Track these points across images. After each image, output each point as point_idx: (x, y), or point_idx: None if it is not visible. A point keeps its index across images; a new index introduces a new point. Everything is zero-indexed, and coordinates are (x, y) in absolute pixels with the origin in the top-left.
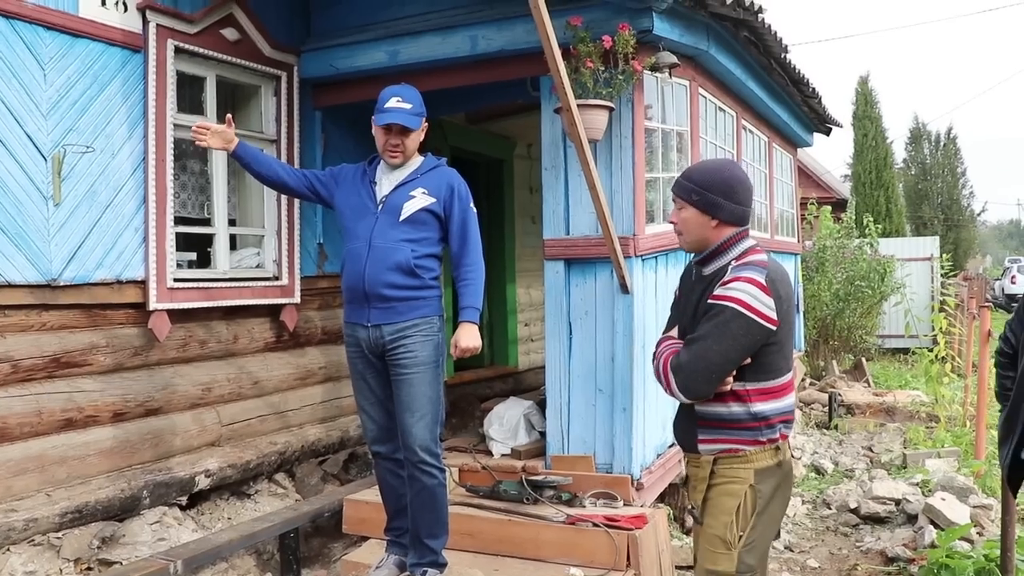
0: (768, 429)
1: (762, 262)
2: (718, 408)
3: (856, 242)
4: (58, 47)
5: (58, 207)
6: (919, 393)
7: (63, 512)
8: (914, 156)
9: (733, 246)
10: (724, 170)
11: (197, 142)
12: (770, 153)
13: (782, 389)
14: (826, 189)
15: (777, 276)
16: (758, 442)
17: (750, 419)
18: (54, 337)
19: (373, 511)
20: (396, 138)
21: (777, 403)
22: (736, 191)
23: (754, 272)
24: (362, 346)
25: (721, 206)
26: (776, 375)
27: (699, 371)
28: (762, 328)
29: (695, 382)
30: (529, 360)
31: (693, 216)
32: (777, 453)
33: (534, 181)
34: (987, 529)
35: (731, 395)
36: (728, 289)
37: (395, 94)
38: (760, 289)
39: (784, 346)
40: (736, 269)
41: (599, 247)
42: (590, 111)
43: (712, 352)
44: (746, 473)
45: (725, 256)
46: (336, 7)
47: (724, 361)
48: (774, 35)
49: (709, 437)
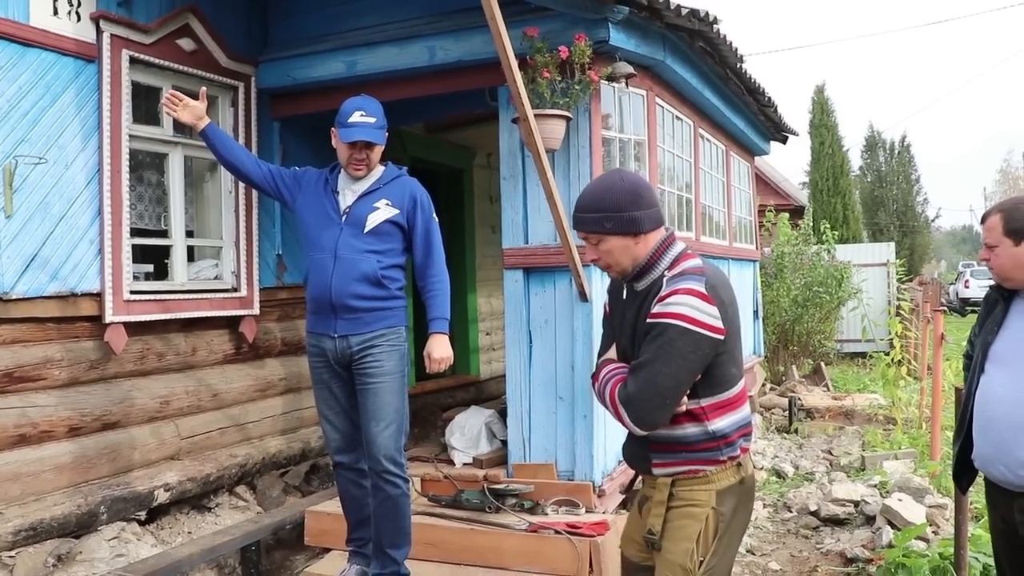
0: (728, 447)
1: (697, 269)
2: (673, 431)
3: (814, 248)
4: (8, 57)
5: (9, 219)
6: (876, 396)
7: (16, 530)
8: (870, 164)
9: (663, 255)
10: (617, 183)
11: (168, 111)
12: (728, 161)
13: (738, 399)
14: (784, 196)
15: (716, 281)
16: (719, 461)
17: (708, 439)
18: (6, 351)
19: (335, 522)
20: (361, 152)
21: (734, 415)
22: (642, 196)
23: (692, 282)
24: (328, 356)
25: (638, 219)
26: (730, 384)
27: (651, 400)
28: (710, 340)
29: (648, 412)
30: (491, 369)
31: (616, 244)
32: (739, 470)
33: (494, 191)
34: (942, 528)
35: (685, 415)
36: (667, 305)
37: (358, 107)
38: (701, 299)
39: (734, 353)
40: (672, 281)
41: (558, 256)
42: (547, 121)
43: (662, 376)
44: (707, 495)
45: (657, 267)
46: (294, 18)
47: (676, 384)
48: (729, 45)
49: (664, 460)
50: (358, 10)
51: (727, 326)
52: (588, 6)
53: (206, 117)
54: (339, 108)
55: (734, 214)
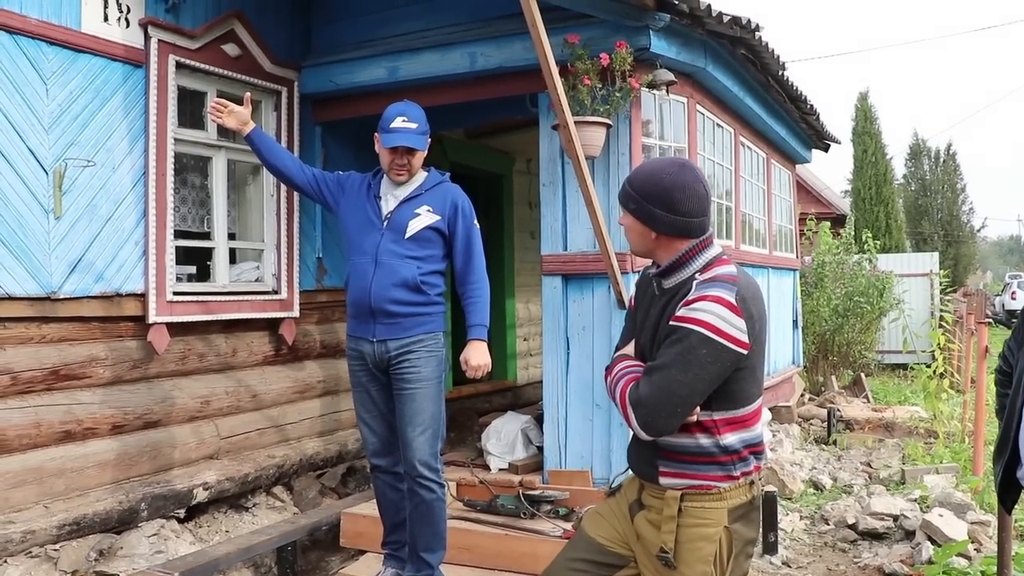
0: (740, 463)
1: (731, 276)
2: (684, 440)
3: (855, 258)
4: (60, 62)
5: (59, 220)
6: (918, 409)
7: (61, 524)
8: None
9: (695, 257)
10: (664, 175)
11: (213, 118)
12: (768, 169)
13: (751, 418)
14: (825, 205)
15: (749, 293)
16: (731, 477)
17: (720, 452)
18: (53, 349)
19: (370, 525)
20: (402, 158)
21: (746, 433)
22: (676, 201)
23: (722, 290)
24: (366, 360)
25: (657, 218)
26: (747, 402)
27: (662, 406)
28: (733, 353)
29: (658, 418)
30: (528, 375)
31: (633, 225)
32: (751, 488)
33: (533, 196)
34: (984, 545)
35: (697, 426)
36: (693, 310)
37: (400, 113)
38: (730, 309)
39: (756, 370)
40: (702, 286)
41: (596, 263)
42: (587, 128)
43: (676, 383)
44: (719, 514)
45: (687, 268)
46: (336, 23)
47: (690, 393)
48: (771, 52)
49: (673, 471)
50: (400, 16)
51: (753, 342)
52: (629, 13)
53: (251, 122)
54: (381, 113)
55: (774, 222)
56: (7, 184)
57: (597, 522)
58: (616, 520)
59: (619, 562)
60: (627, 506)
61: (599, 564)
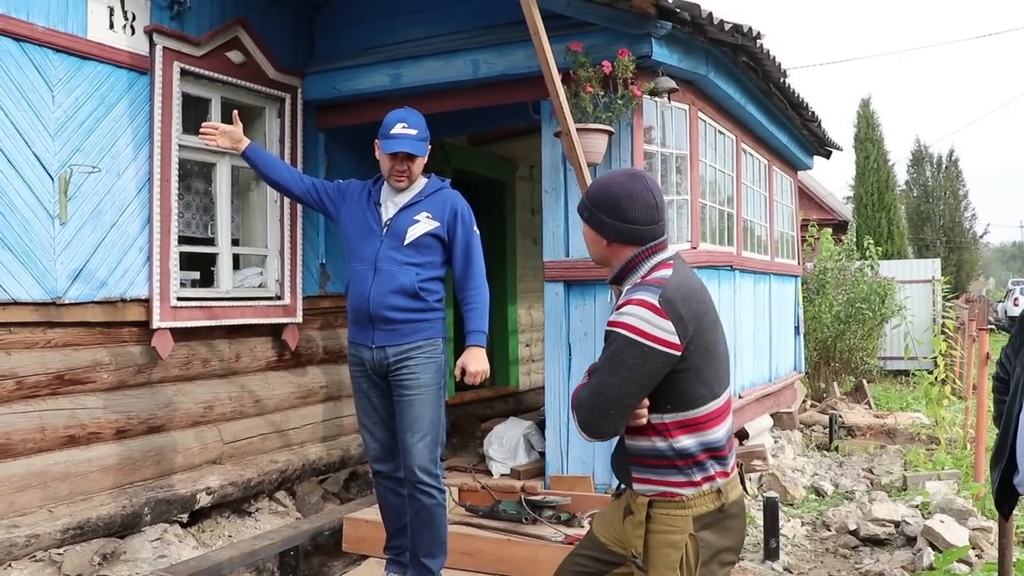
0: (697, 467)
1: (659, 280)
2: (641, 443)
3: (857, 264)
4: (66, 69)
5: (64, 226)
6: (920, 415)
7: (65, 528)
8: (916, 178)
9: (641, 263)
10: (614, 184)
11: (205, 142)
12: (770, 176)
13: (708, 420)
14: (827, 211)
15: (678, 294)
16: (692, 483)
17: (675, 456)
18: (58, 354)
19: (373, 529)
20: (402, 164)
21: (703, 436)
22: (624, 209)
23: (646, 293)
24: (366, 366)
25: (606, 225)
26: (695, 404)
27: (595, 408)
28: (661, 354)
29: (593, 420)
30: (530, 380)
31: (587, 233)
32: (719, 496)
33: (535, 203)
34: (986, 551)
35: (651, 429)
36: (619, 314)
37: (400, 119)
38: (652, 311)
39: (703, 372)
40: (631, 291)
41: (599, 269)
42: (590, 135)
43: (605, 386)
44: (683, 521)
45: (633, 276)
46: (340, 31)
47: (620, 395)
48: (772, 60)
49: (641, 476)
50: (403, 24)
51: (687, 343)
52: (631, 21)
53: (244, 139)
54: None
55: (776, 229)
56: (13, 190)
57: (602, 522)
58: (615, 521)
59: (616, 560)
60: (623, 508)
61: (600, 561)
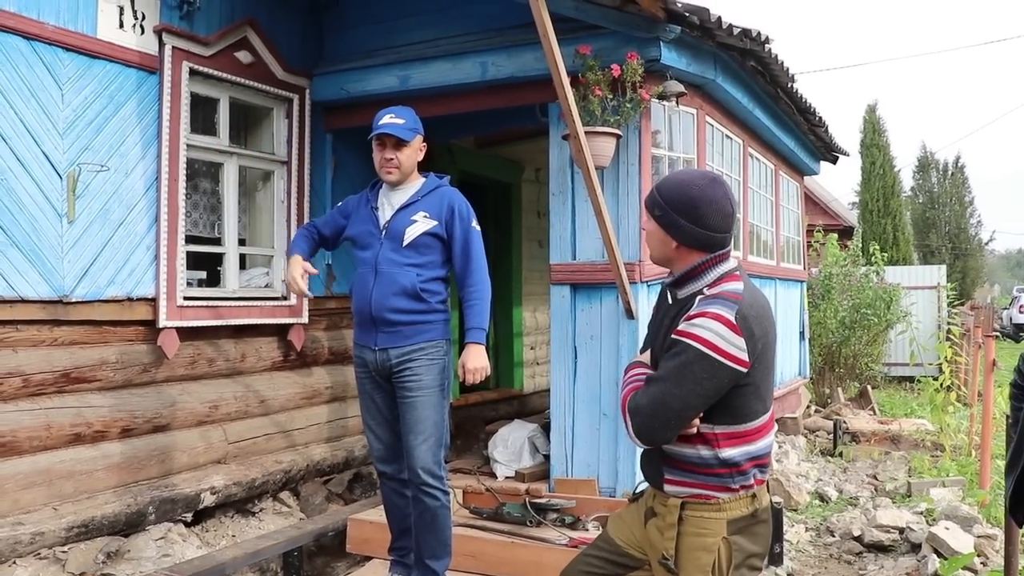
0: (740, 476)
1: (734, 294)
2: (685, 450)
3: (862, 270)
4: (76, 68)
5: (72, 224)
6: (924, 422)
7: (69, 526)
8: (922, 184)
9: (707, 271)
10: (693, 187)
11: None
12: (777, 181)
13: (756, 432)
14: (833, 216)
15: (752, 312)
16: (730, 489)
17: (719, 464)
18: (65, 352)
19: (377, 531)
20: (391, 152)
21: (749, 447)
22: (702, 214)
23: (722, 307)
24: (370, 368)
25: (681, 228)
26: (749, 419)
27: (656, 417)
28: (730, 370)
29: (651, 428)
30: (534, 383)
31: (655, 232)
32: (753, 501)
33: (542, 206)
34: (991, 559)
35: (698, 437)
36: (692, 325)
37: (388, 112)
38: (728, 327)
39: (760, 387)
40: (703, 302)
41: (605, 272)
42: (598, 138)
43: (670, 397)
44: (718, 524)
45: (698, 281)
46: (348, 32)
47: (683, 407)
48: (781, 65)
49: (675, 479)
50: (412, 25)
51: (755, 360)
52: (640, 25)
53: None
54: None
55: (782, 234)
56: (22, 188)
57: (618, 524)
58: (633, 524)
59: (633, 564)
60: (643, 512)
61: (614, 563)
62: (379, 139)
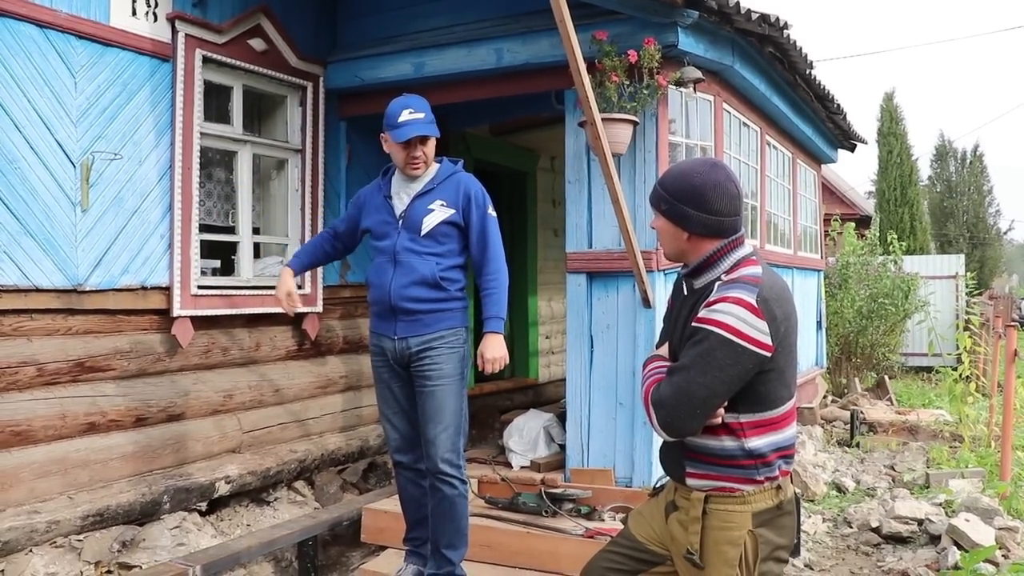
0: (765, 467)
1: (754, 278)
2: (708, 442)
3: (880, 259)
4: (89, 56)
5: (85, 213)
6: (943, 412)
7: (85, 515)
8: (940, 173)
9: (723, 257)
10: (695, 174)
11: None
12: (794, 169)
13: (782, 420)
14: (850, 205)
15: (772, 294)
16: (755, 481)
17: (744, 456)
18: (79, 341)
19: (392, 520)
20: (417, 150)
21: (775, 436)
22: (708, 200)
23: (743, 291)
24: (388, 356)
25: (689, 218)
26: (774, 405)
27: (681, 407)
28: (754, 355)
29: (677, 419)
30: (549, 372)
31: (665, 227)
32: (778, 493)
33: (557, 194)
34: (1013, 552)
35: (723, 428)
36: (712, 311)
37: (404, 106)
38: (749, 311)
39: (784, 372)
40: (723, 288)
41: (621, 261)
42: (614, 125)
43: (695, 385)
44: (743, 517)
45: (714, 269)
46: (362, 19)
47: (709, 395)
48: (799, 51)
49: (698, 472)
50: (426, 12)
51: (778, 344)
52: (657, 10)
53: (290, 282)
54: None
55: (799, 223)
56: (36, 177)
57: (638, 520)
58: (654, 520)
59: (654, 559)
60: (664, 507)
61: (635, 559)
62: (406, 140)
